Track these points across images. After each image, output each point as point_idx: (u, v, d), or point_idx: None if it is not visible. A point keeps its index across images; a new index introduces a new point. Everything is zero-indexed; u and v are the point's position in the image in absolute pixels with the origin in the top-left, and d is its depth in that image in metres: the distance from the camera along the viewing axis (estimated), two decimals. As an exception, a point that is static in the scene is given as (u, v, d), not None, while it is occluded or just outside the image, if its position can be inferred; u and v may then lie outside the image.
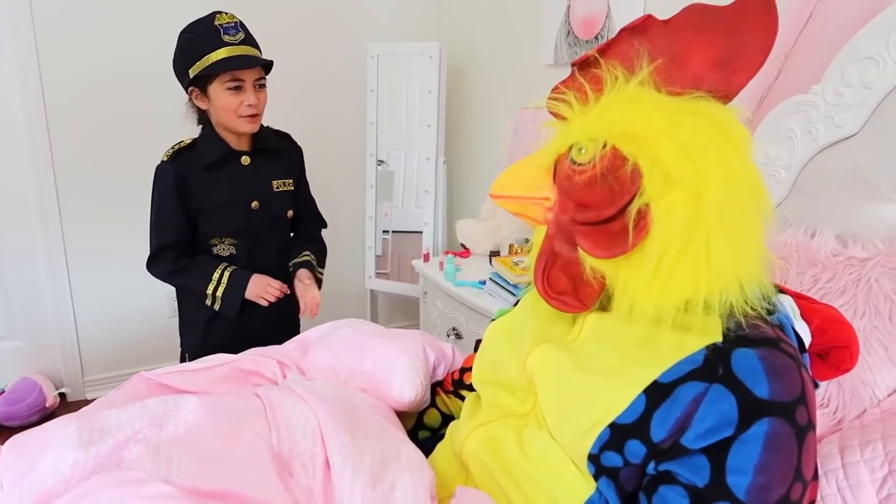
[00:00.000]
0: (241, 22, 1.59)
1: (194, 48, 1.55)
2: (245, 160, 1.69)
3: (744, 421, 0.60)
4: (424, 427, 1.08)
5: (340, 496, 0.75)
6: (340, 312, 1.77)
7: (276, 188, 1.75)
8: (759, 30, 0.66)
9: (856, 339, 0.79)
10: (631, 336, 0.70)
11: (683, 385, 0.63)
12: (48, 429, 0.81)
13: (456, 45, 2.82)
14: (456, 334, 2.06)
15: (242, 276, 1.67)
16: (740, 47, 0.66)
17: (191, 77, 1.56)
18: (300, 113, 2.80)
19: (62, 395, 2.58)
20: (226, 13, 1.58)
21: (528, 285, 0.93)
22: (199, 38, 1.55)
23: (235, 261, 1.70)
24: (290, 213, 1.80)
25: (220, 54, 1.53)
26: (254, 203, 1.70)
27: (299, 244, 1.85)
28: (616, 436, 0.66)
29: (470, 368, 0.98)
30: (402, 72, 2.71)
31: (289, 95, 2.75)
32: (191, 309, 1.77)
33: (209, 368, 1.13)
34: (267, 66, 1.62)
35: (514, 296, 1.78)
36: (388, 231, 2.87)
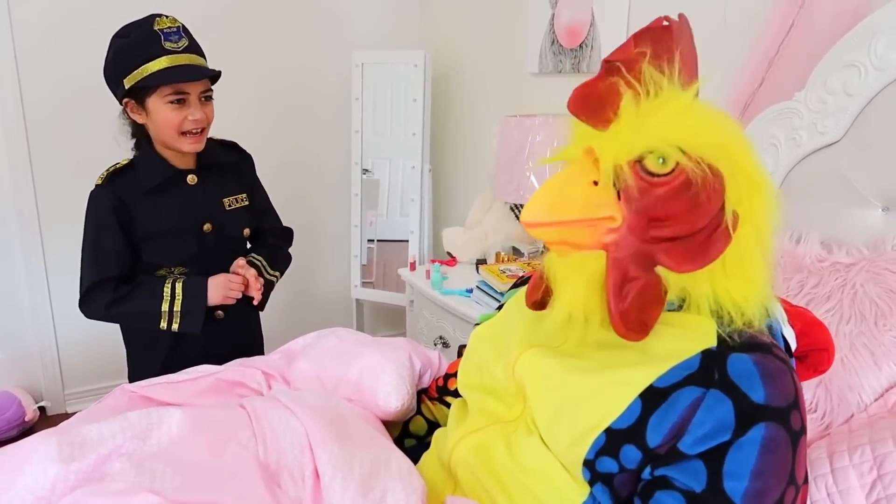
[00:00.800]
0: (183, 26, 1.42)
1: (130, 55, 1.37)
2: (192, 179, 1.51)
3: (741, 426, 0.60)
4: (410, 435, 1.07)
5: (330, 507, 0.74)
6: (326, 322, 1.75)
7: (229, 206, 1.57)
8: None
9: (832, 342, 0.81)
10: (620, 339, 0.70)
11: (680, 390, 0.63)
12: (27, 444, 0.79)
13: (441, 54, 2.82)
14: (443, 343, 2.05)
15: (198, 283, 1.47)
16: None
17: (126, 88, 1.40)
18: (284, 121, 2.79)
19: (42, 408, 2.53)
20: (167, 16, 1.40)
21: (510, 289, 0.93)
22: (136, 44, 1.37)
23: None
24: (246, 231, 1.62)
25: (161, 63, 1.36)
26: (206, 226, 1.53)
27: (259, 248, 1.69)
28: (612, 441, 0.65)
29: (454, 374, 0.97)
30: (387, 80, 2.71)
31: (273, 104, 2.74)
32: (140, 353, 1.55)
33: (193, 380, 1.11)
34: (214, 77, 1.45)
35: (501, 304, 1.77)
36: (373, 240, 2.85)
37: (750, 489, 0.60)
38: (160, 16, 1.40)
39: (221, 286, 1.48)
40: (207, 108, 1.46)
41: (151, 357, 1.39)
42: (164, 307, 1.43)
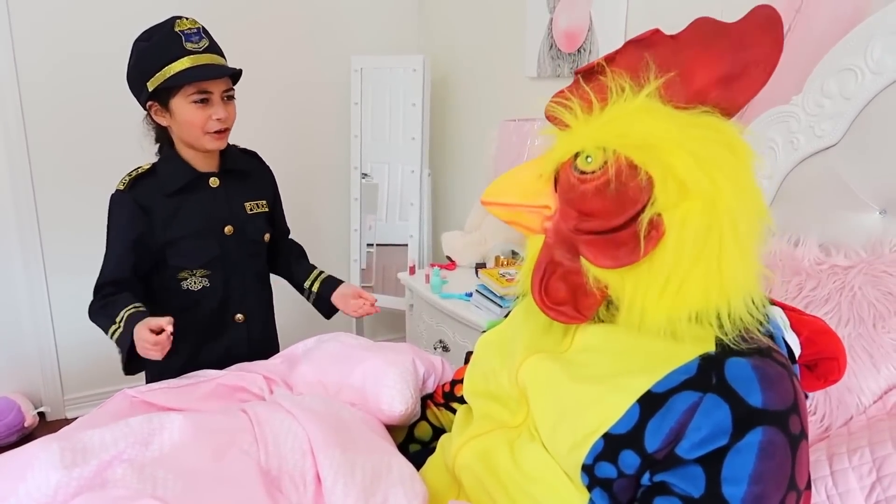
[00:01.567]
0: (204, 28, 1.44)
1: (153, 58, 1.39)
2: (214, 182, 1.53)
3: (738, 430, 0.60)
4: (415, 440, 1.07)
5: (332, 512, 0.74)
6: (326, 326, 1.74)
7: (251, 210, 1.59)
8: (765, 48, 0.67)
9: (844, 351, 0.79)
10: (623, 346, 0.70)
11: (677, 395, 0.63)
12: (28, 450, 0.79)
13: (439, 58, 2.83)
14: (443, 347, 2.05)
15: (135, 321, 1.31)
16: (745, 66, 0.67)
17: (149, 91, 1.41)
18: (284, 126, 2.80)
19: (41, 414, 2.53)
20: (187, 18, 1.43)
21: (518, 297, 0.93)
22: (158, 46, 1.39)
23: (209, 294, 1.52)
24: (266, 236, 1.64)
25: (183, 64, 1.38)
26: (227, 228, 1.53)
27: (301, 264, 1.72)
28: (610, 446, 0.65)
29: (461, 381, 0.97)
30: (386, 85, 2.72)
31: (273, 108, 2.74)
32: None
33: (194, 385, 1.11)
34: (235, 76, 1.47)
35: (500, 307, 1.77)
36: (372, 244, 2.86)
37: (748, 494, 0.59)
38: (180, 18, 1.42)
39: (139, 339, 1.30)
40: (230, 107, 1.48)
41: (170, 361, 1.39)
42: (111, 333, 1.38)
